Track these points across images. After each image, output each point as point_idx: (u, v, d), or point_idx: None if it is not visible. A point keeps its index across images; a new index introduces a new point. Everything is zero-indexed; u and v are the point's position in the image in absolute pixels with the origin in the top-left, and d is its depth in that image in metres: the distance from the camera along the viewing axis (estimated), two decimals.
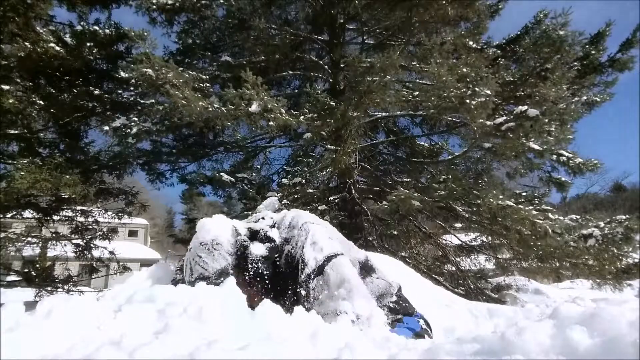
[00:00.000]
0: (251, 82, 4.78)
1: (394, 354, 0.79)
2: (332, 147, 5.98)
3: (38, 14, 5.50)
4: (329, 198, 6.45)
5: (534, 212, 5.31)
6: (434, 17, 5.90)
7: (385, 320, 1.41)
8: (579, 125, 7.04)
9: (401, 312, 1.54)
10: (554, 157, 6.07)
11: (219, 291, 0.99)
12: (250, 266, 1.39)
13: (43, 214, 6.49)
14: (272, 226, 1.51)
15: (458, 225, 7.29)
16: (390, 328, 1.37)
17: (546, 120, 4.88)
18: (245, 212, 6.52)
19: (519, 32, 6.90)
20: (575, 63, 6.23)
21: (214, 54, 7.33)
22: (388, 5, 6.22)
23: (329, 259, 1.35)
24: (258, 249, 1.40)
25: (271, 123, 5.03)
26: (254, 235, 1.46)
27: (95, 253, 7.01)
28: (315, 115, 5.46)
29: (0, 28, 5.29)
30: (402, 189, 5.64)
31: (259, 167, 8.09)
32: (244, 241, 1.43)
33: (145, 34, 6.22)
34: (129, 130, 6.16)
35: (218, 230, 1.42)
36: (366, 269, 1.58)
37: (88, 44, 6.13)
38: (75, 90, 6.14)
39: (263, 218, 1.56)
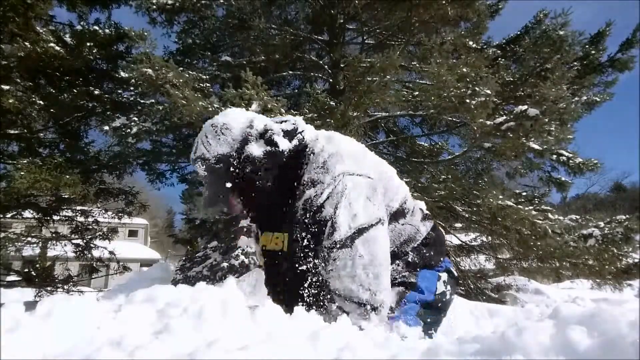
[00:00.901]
0: (251, 82, 4.78)
1: (395, 353, 0.79)
2: None
3: (38, 14, 5.50)
4: None
5: (534, 212, 5.31)
6: (434, 17, 5.90)
7: (392, 298, 1.20)
8: (579, 125, 7.03)
9: (421, 264, 1.32)
10: (554, 157, 6.08)
11: (219, 291, 0.99)
12: (240, 165, 1.23)
13: (43, 214, 6.49)
14: (289, 134, 1.28)
15: (458, 225, 7.29)
16: (393, 314, 1.20)
17: (546, 120, 4.88)
18: None
19: (519, 32, 6.90)
20: (575, 63, 6.23)
21: (214, 54, 7.33)
22: (388, 5, 6.22)
23: (360, 231, 1.12)
24: (255, 150, 1.21)
25: None
26: (262, 134, 1.26)
27: (95, 253, 7.01)
28: (315, 115, 5.46)
29: (0, 28, 5.29)
30: None
31: None
32: (249, 134, 1.24)
33: (145, 34, 6.22)
34: (129, 130, 6.16)
35: (233, 116, 1.30)
36: (396, 216, 1.33)
37: (88, 44, 6.12)
38: (75, 90, 6.15)
39: (285, 121, 1.31)
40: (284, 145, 1.24)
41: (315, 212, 1.15)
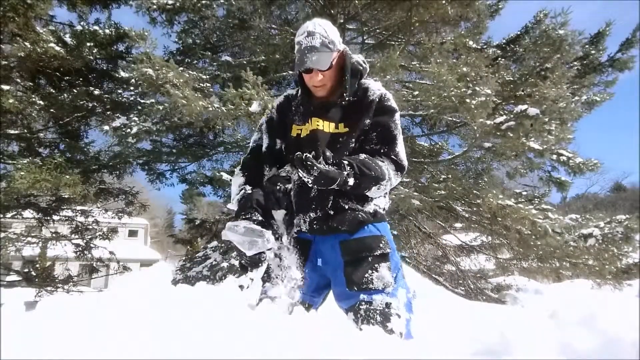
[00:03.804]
0: (251, 82, 4.77)
1: (394, 353, 0.80)
2: None
3: (38, 14, 5.50)
4: None
5: (534, 212, 5.31)
6: (434, 17, 5.89)
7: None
8: (579, 125, 7.03)
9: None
10: (554, 156, 6.06)
11: (220, 291, 0.99)
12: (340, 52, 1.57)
13: (43, 214, 6.50)
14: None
15: (458, 225, 7.29)
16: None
17: (546, 120, 4.88)
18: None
19: (519, 32, 6.90)
20: (575, 63, 6.23)
21: (214, 54, 7.33)
22: (388, 5, 6.22)
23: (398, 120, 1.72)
24: (357, 57, 1.66)
25: None
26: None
27: (95, 253, 7.01)
28: None
29: (0, 28, 5.29)
30: (402, 189, 5.63)
31: None
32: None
33: (146, 33, 6.19)
34: (129, 130, 6.15)
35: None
36: None
37: (88, 44, 6.13)
38: (75, 90, 6.15)
39: None
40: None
41: (385, 101, 1.62)
